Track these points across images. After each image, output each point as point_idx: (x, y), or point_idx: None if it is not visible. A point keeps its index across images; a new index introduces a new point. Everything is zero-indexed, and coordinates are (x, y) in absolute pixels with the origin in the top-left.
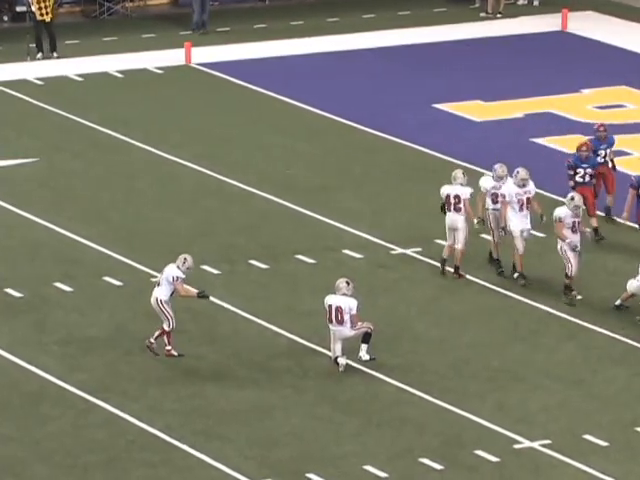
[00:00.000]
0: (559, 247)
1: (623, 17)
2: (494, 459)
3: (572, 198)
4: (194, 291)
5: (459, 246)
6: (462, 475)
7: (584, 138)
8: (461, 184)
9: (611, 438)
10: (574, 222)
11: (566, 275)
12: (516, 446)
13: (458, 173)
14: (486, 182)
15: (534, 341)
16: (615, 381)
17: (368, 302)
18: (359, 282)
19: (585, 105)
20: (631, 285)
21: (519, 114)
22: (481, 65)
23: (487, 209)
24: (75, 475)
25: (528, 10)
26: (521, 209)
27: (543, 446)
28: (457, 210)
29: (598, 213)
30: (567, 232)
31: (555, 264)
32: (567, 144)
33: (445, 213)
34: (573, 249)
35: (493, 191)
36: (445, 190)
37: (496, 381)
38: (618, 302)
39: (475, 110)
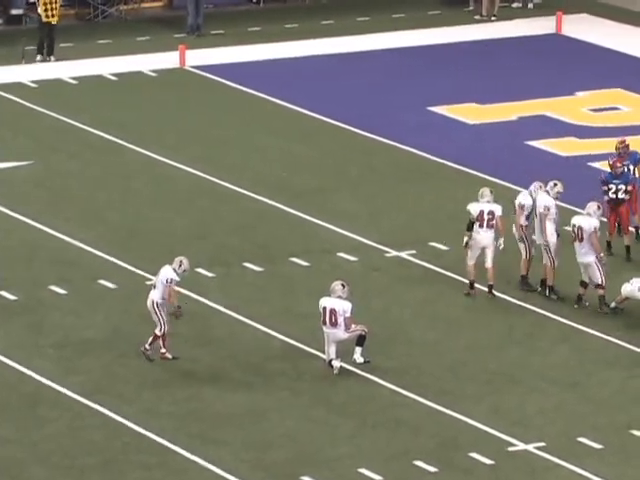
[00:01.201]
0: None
1: (617, 20)
2: (489, 462)
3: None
4: (176, 302)
5: (490, 264)
6: (457, 478)
7: (578, 141)
8: (488, 201)
9: (606, 441)
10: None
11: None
12: (511, 449)
13: (486, 191)
14: (525, 199)
15: (530, 344)
16: (609, 384)
17: (363, 305)
18: (354, 285)
19: (580, 108)
20: (625, 289)
21: (514, 117)
22: (476, 68)
23: (522, 226)
24: (72, 476)
25: (522, 13)
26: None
27: (538, 449)
28: (490, 227)
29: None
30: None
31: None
32: (562, 147)
33: (470, 230)
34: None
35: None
36: (477, 207)
37: (492, 384)
38: (613, 305)
39: (470, 113)
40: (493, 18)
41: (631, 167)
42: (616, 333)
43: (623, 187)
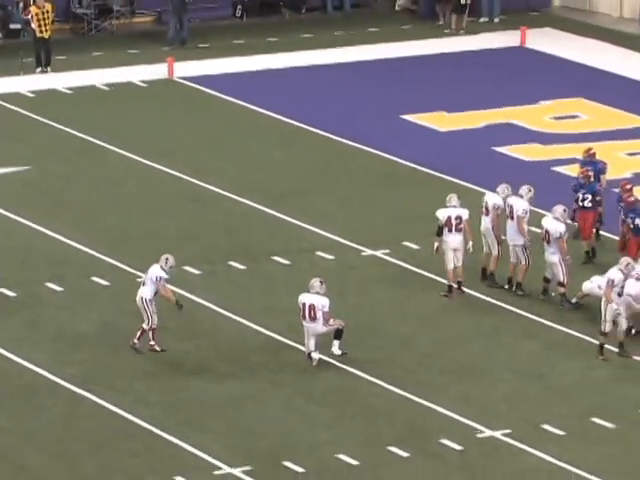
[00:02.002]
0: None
1: (578, 33)
2: (458, 447)
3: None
4: (173, 298)
5: (459, 264)
6: (428, 462)
7: (541, 147)
8: (455, 206)
9: (567, 427)
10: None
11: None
12: (479, 435)
13: (453, 196)
14: (498, 200)
15: (496, 337)
16: (571, 374)
17: (340, 301)
18: (331, 282)
19: (543, 116)
20: (585, 286)
21: (481, 124)
22: (445, 78)
23: (494, 226)
24: (66, 462)
25: (489, 27)
26: None
27: (504, 435)
28: (458, 231)
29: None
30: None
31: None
32: (526, 152)
33: (439, 236)
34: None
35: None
36: (445, 213)
37: (460, 375)
38: (574, 300)
39: (440, 120)
40: (461, 32)
41: (594, 175)
42: (577, 327)
43: (589, 197)
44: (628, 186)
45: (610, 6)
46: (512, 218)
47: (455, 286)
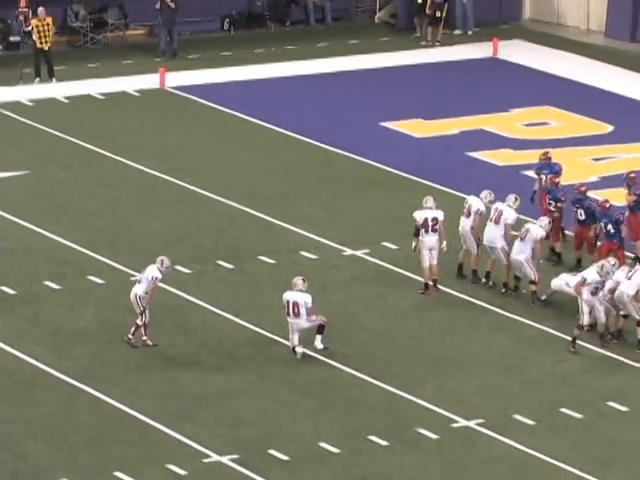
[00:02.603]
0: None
1: (547, 45)
2: (434, 436)
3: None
4: (151, 300)
5: (435, 262)
6: (406, 451)
7: (512, 152)
8: (431, 208)
9: (538, 418)
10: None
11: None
12: (454, 425)
13: (429, 198)
14: (481, 206)
15: (470, 332)
16: (541, 367)
17: (322, 298)
18: (314, 280)
19: (514, 123)
20: (554, 283)
21: (456, 131)
22: (422, 87)
23: (473, 227)
24: (64, 451)
25: (463, 39)
26: None
27: (478, 425)
28: (434, 231)
29: None
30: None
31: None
32: (498, 157)
33: (417, 236)
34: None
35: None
36: (421, 214)
37: (436, 367)
38: (544, 297)
39: (417, 127)
40: (437, 44)
41: (549, 176)
42: (546, 322)
43: (553, 202)
44: (583, 188)
45: (577, 19)
46: (497, 223)
47: (431, 283)
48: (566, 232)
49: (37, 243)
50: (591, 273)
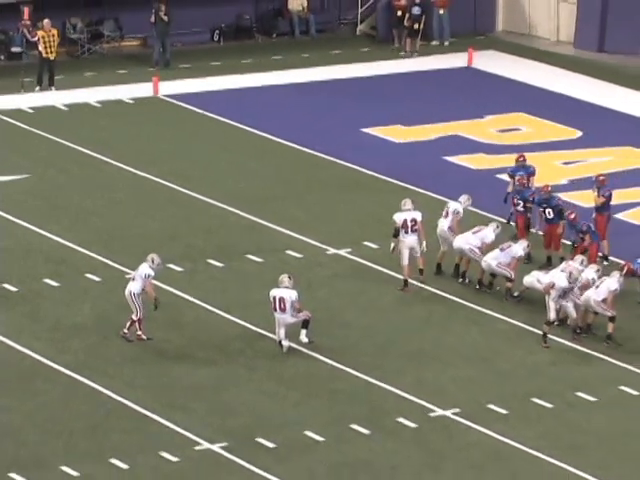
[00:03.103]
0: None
1: (519, 55)
2: (413, 425)
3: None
4: (153, 296)
5: (419, 254)
6: (386, 438)
7: (487, 156)
8: (409, 209)
9: (510, 407)
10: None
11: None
12: (431, 414)
13: (407, 200)
14: (460, 209)
15: (446, 326)
16: (513, 359)
17: (307, 294)
18: (299, 278)
19: (488, 129)
20: (526, 280)
21: (433, 136)
22: (401, 95)
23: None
24: (63, 439)
25: (439, 49)
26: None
27: (454, 414)
28: (413, 232)
29: None
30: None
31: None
32: (473, 162)
33: (396, 237)
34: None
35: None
36: (401, 216)
37: (414, 360)
38: (516, 293)
39: (397, 133)
40: (415, 54)
41: (524, 175)
42: (518, 317)
43: (522, 202)
44: (549, 188)
45: (548, 31)
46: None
47: (410, 280)
48: (533, 231)
49: (37, 243)
50: (560, 279)
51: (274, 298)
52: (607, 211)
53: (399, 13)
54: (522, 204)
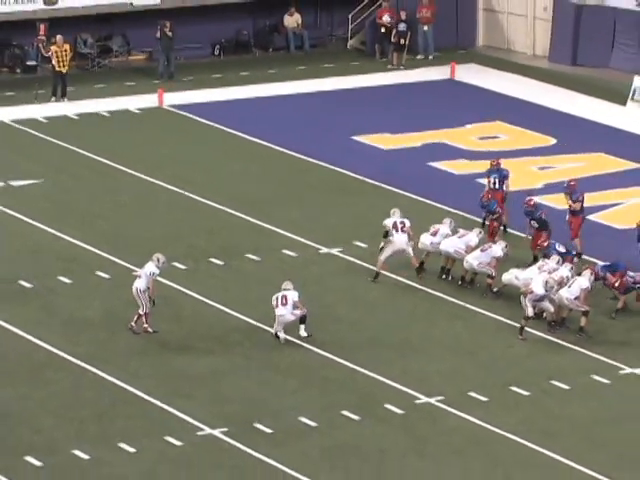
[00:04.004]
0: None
1: (498, 68)
2: (400, 411)
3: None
4: (154, 294)
5: (411, 250)
6: (375, 424)
7: (468, 162)
8: (398, 216)
9: (490, 395)
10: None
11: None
12: (417, 401)
13: (397, 210)
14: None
15: (430, 320)
16: (493, 351)
17: (302, 290)
18: (294, 276)
19: (469, 136)
20: (505, 277)
21: (419, 143)
22: (389, 106)
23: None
24: (74, 425)
25: (424, 63)
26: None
27: (438, 401)
28: (403, 232)
29: None
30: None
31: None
32: (456, 167)
33: (385, 238)
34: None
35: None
36: (390, 220)
37: (401, 351)
38: (495, 289)
39: (384, 141)
40: (401, 67)
41: (496, 179)
42: (498, 311)
43: (490, 215)
44: (531, 202)
45: (524, 46)
46: (434, 235)
47: (383, 273)
48: (523, 236)
49: (50, 243)
50: (538, 286)
51: (277, 297)
52: (581, 213)
53: (382, 30)
54: (491, 216)
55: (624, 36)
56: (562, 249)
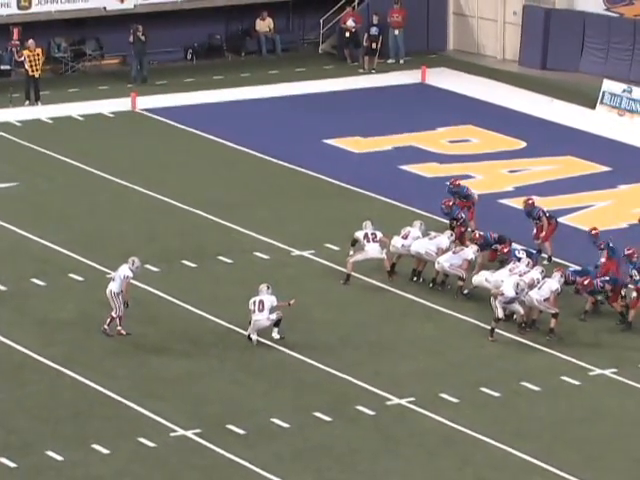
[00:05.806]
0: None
1: (468, 72)
2: (371, 413)
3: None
4: (127, 297)
5: (385, 256)
6: (347, 425)
7: (439, 165)
8: (371, 229)
9: (461, 396)
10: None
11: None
12: (388, 403)
13: (368, 222)
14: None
15: (402, 321)
16: (464, 352)
17: (274, 293)
18: (267, 278)
19: (440, 140)
20: (475, 280)
21: (389, 147)
22: (359, 109)
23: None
24: (49, 425)
25: (395, 67)
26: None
27: (409, 402)
28: (375, 242)
29: None
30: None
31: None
32: (426, 170)
33: (353, 246)
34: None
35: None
36: (361, 232)
37: (373, 352)
38: (466, 291)
39: (355, 144)
40: (373, 71)
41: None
42: (468, 313)
43: (454, 221)
44: (530, 202)
45: (494, 50)
46: (405, 238)
47: (353, 274)
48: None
49: (24, 245)
50: (508, 289)
51: (254, 302)
52: (553, 219)
53: (347, 34)
54: (455, 222)
55: (593, 40)
56: (522, 255)
